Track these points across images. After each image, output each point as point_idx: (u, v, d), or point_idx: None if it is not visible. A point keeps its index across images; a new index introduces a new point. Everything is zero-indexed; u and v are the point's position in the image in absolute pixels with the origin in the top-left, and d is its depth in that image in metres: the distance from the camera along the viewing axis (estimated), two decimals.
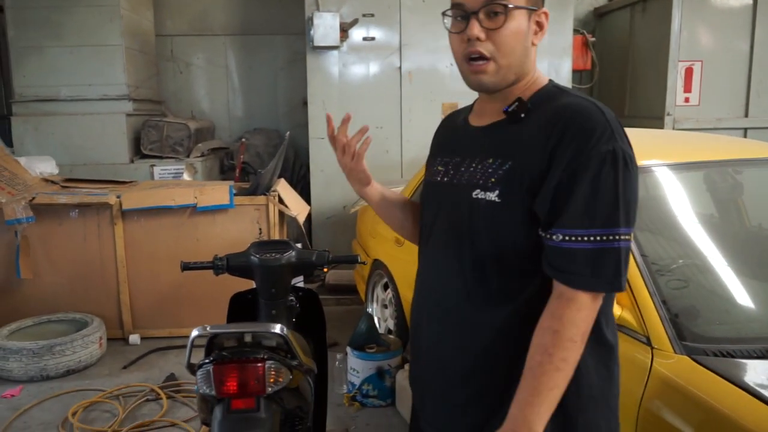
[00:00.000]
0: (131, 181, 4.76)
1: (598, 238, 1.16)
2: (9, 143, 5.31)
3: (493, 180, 1.27)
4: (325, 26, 5.10)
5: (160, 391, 3.42)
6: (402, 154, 5.43)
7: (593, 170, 1.17)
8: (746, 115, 5.39)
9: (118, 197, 4.11)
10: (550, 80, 1.36)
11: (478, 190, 1.28)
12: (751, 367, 1.63)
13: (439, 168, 1.44)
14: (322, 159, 5.38)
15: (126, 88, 5.39)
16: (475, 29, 1.25)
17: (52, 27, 5.28)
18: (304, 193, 5.40)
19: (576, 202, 1.17)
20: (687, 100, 5.34)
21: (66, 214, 4.11)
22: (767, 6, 5.24)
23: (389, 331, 3.79)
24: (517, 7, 1.25)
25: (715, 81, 5.36)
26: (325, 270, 2.42)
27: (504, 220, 1.25)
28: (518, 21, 1.26)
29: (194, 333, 1.68)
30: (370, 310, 4.04)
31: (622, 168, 1.18)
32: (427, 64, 5.35)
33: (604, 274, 1.16)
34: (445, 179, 1.40)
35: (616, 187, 1.17)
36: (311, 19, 5.12)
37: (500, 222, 1.26)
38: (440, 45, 5.31)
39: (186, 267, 2.21)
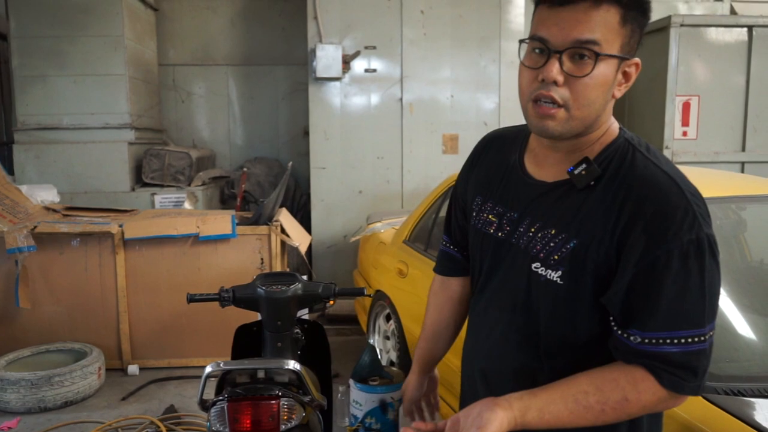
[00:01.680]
0: (132, 210, 4.77)
1: (683, 340, 1.05)
2: (11, 171, 5.32)
3: (555, 257, 1.13)
4: (327, 58, 5.17)
5: (160, 424, 3.38)
6: (403, 184, 5.46)
7: (675, 266, 1.03)
8: (743, 150, 5.44)
9: (121, 226, 4.11)
10: (621, 128, 1.20)
11: (539, 264, 1.16)
12: (763, 407, 1.62)
13: (491, 218, 1.28)
14: (322, 188, 5.40)
15: (128, 117, 5.43)
16: (554, 71, 1.07)
17: (56, 56, 5.34)
18: (305, 222, 5.41)
19: (654, 302, 1.04)
20: (685, 133, 5.40)
21: (67, 242, 4.10)
22: (762, 41, 5.33)
23: (391, 363, 3.77)
24: (608, 56, 1.07)
25: (712, 115, 5.43)
26: (331, 302, 2.42)
27: (567, 304, 1.14)
28: (605, 70, 1.08)
29: (208, 369, 1.67)
30: (372, 341, 4.02)
31: (709, 259, 1.04)
32: (428, 95, 5.41)
33: (692, 379, 1.06)
34: (500, 234, 1.25)
35: (702, 284, 1.04)
36: (314, 50, 5.19)
37: (562, 305, 1.14)
38: (441, 77, 5.39)
39: (192, 299, 2.20)
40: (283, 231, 4.27)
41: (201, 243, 4.15)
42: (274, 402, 1.66)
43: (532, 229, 1.18)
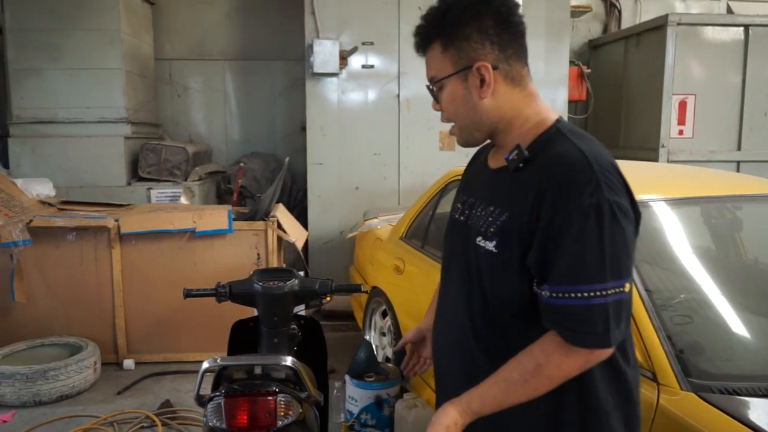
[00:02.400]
0: (128, 204, 4.75)
1: (586, 294, 1.17)
2: (6, 164, 5.30)
3: (492, 230, 1.30)
4: (324, 53, 5.15)
5: (155, 418, 3.38)
6: (400, 181, 5.46)
7: (576, 227, 1.16)
8: (739, 149, 5.47)
9: (117, 221, 4.10)
10: (557, 120, 1.34)
11: (480, 237, 1.33)
12: (757, 406, 1.63)
13: (458, 205, 1.49)
14: (319, 184, 5.40)
15: (124, 111, 5.41)
16: (434, 105, 1.41)
17: (51, 50, 5.31)
18: (301, 217, 5.41)
19: (560, 259, 1.18)
20: (681, 132, 5.42)
21: (63, 237, 4.09)
22: (759, 41, 5.35)
23: (387, 360, 3.77)
24: (443, 78, 1.34)
25: (708, 114, 5.45)
26: (328, 299, 2.42)
27: (501, 270, 1.28)
28: (450, 88, 1.34)
29: (205, 365, 1.67)
30: (368, 337, 4.03)
31: (609, 221, 1.17)
32: (425, 92, 5.33)
33: (595, 331, 1.18)
34: (461, 218, 1.44)
35: (601, 243, 1.16)
36: (311, 46, 5.18)
37: (498, 272, 1.29)
38: None
39: (188, 294, 2.20)
40: (279, 227, 4.27)
41: (197, 238, 4.14)
42: (270, 398, 1.67)
43: (479, 209, 1.37)
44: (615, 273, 1.17)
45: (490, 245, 1.29)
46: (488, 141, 1.44)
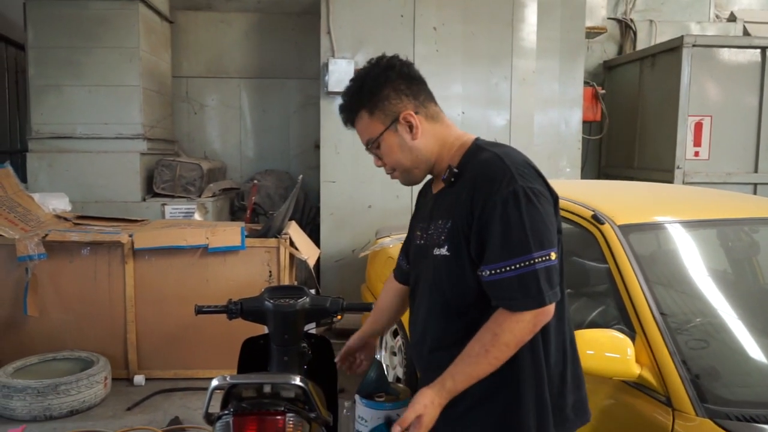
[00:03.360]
0: (143, 220, 4.79)
1: (517, 266, 1.40)
2: (23, 179, 5.36)
3: (443, 238, 1.54)
4: (339, 72, 5.19)
5: None
6: (412, 199, 5.43)
7: (499, 211, 1.41)
8: (756, 171, 5.41)
9: (131, 236, 4.12)
10: (476, 139, 1.62)
11: (436, 248, 1.56)
12: None
13: (417, 233, 1.72)
14: (332, 202, 5.40)
15: (141, 128, 5.47)
16: (376, 162, 1.68)
17: (72, 66, 5.39)
18: (314, 235, 5.41)
19: (492, 241, 1.42)
20: (697, 154, 5.38)
21: (77, 251, 4.12)
22: None
23: (398, 379, 3.74)
24: (378, 136, 1.60)
25: (724, 136, 5.41)
26: (339, 317, 2.40)
27: (456, 269, 1.52)
28: (386, 142, 1.60)
29: (214, 383, 1.66)
30: (379, 356, 4.00)
31: (525, 203, 1.41)
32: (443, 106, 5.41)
33: (531, 295, 1.40)
34: (421, 242, 1.68)
35: (521, 221, 1.40)
36: (326, 65, 5.22)
37: (454, 271, 1.53)
38: (451, 93, 5.40)
39: (200, 311, 2.20)
40: (292, 244, 4.27)
41: (210, 254, 4.16)
42: (279, 417, 1.65)
43: (432, 226, 1.60)
44: (537, 244, 1.40)
45: (443, 250, 1.53)
46: (428, 177, 1.70)
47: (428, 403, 1.45)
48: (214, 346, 4.11)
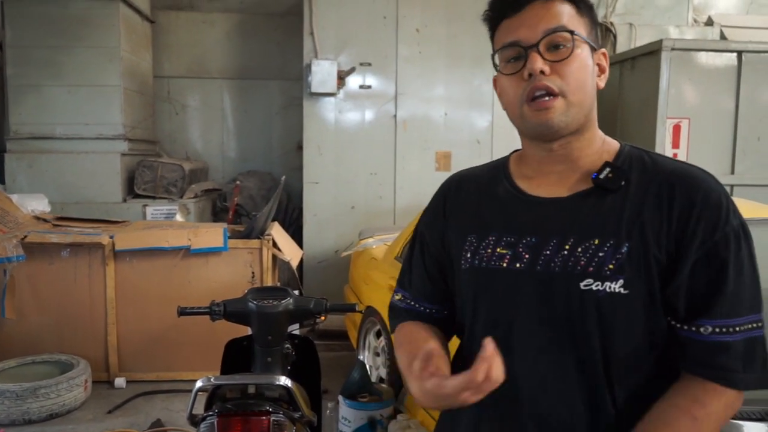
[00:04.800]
0: (123, 221, 4.75)
1: (747, 326, 1.02)
2: (2, 180, 5.30)
3: (611, 267, 1.04)
4: (322, 73, 5.20)
5: None
6: (395, 200, 5.47)
7: (734, 249, 1.02)
8: (732, 172, 5.50)
9: (111, 237, 4.09)
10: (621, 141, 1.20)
11: (590, 280, 1.04)
12: (754, 430, 1.63)
13: (501, 251, 1.13)
14: (315, 203, 5.41)
15: (122, 128, 5.43)
16: (539, 62, 1.07)
17: (51, 66, 5.33)
18: (297, 236, 5.41)
19: (725, 287, 1.01)
20: (675, 155, 5.45)
21: (57, 253, 4.08)
22: (751, 66, 5.41)
23: (381, 380, 3.75)
24: (581, 38, 1.09)
25: (702, 138, 5.49)
26: (323, 318, 2.41)
27: (633, 314, 1.05)
28: (583, 53, 1.10)
29: (198, 384, 1.66)
30: (362, 357, 4.01)
31: (752, 245, 1.05)
32: (422, 113, 5.45)
33: (755, 368, 1.02)
34: (519, 265, 1.11)
35: (753, 267, 1.04)
36: (309, 66, 5.22)
37: (630, 317, 1.05)
38: (435, 95, 5.43)
39: (183, 312, 2.19)
40: (274, 245, 4.27)
41: (192, 256, 4.14)
42: (264, 418, 1.65)
43: (566, 247, 1.08)
44: (761, 305, 1.05)
45: (615, 286, 1.03)
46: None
47: None
48: (197, 347, 4.09)
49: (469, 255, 1.17)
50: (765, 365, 1.03)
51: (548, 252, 1.09)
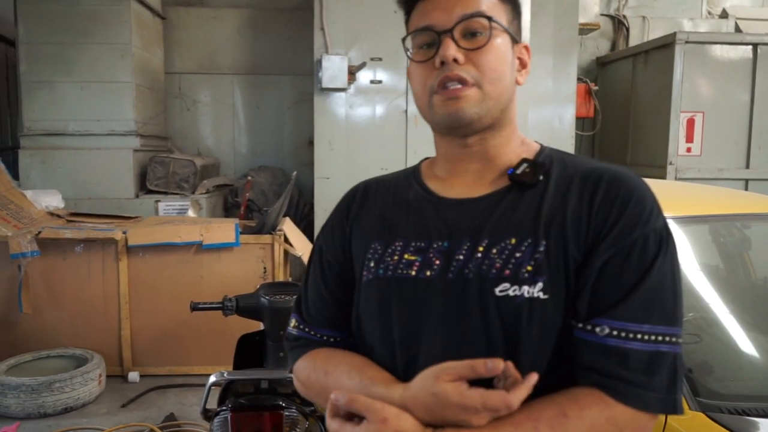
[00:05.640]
0: (136, 217, 4.77)
1: (655, 338, 0.90)
2: (16, 176, 5.34)
3: (528, 268, 0.94)
4: (333, 68, 5.19)
5: None
6: None
7: (652, 252, 0.93)
8: (747, 167, 5.45)
9: (124, 233, 4.11)
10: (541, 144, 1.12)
11: (507, 285, 0.94)
12: (766, 427, 1.62)
13: (409, 258, 1.01)
14: (326, 198, 5.40)
15: (134, 124, 5.45)
16: (451, 48, 0.98)
17: (63, 63, 5.36)
18: (308, 231, 5.41)
19: (635, 291, 0.91)
20: (689, 150, 5.41)
21: (71, 248, 4.11)
22: (767, 59, 5.35)
23: None
24: (500, 26, 1.01)
25: (716, 132, 5.44)
26: None
27: (551, 321, 0.93)
28: (502, 43, 1.01)
29: (212, 379, 1.67)
30: None
31: (675, 252, 0.96)
32: None
33: (656, 387, 0.89)
34: (429, 273, 0.99)
35: (674, 277, 0.94)
36: (320, 61, 5.21)
37: (548, 324, 0.93)
38: None
39: (195, 308, 2.21)
40: (286, 240, 4.28)
41: (204, 251, 4.15)
42: (277, 413, 1.66)
43: (480, 249, 0.97)
44: (681, 319, 0.94)
45: (533, 290, 0.93)
46: (376, 181, 1.18)
47: None
48: (209, 342, 4.11)
49: (372, 264, 1.05)
50: (673, 386, 0.91)
51: (461, 257, 0.98)
